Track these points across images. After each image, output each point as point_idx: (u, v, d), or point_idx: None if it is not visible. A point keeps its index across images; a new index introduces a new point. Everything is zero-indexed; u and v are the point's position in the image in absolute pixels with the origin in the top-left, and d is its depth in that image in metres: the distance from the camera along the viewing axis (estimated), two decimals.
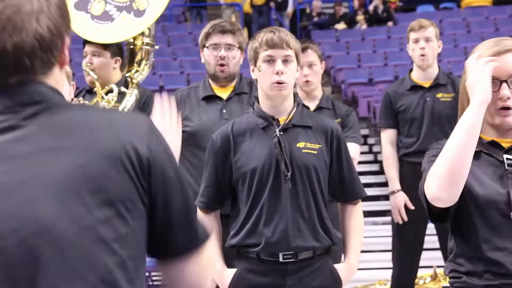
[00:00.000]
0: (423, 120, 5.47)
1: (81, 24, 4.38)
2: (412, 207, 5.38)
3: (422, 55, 5.44)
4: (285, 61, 3.41)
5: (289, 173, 3.36)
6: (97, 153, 1.58)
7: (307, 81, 4.93)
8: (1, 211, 1.54)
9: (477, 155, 2.55)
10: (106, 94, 4.57)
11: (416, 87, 5.53)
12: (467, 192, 2.51)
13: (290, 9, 18.36)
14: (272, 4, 18.14)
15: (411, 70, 5.63)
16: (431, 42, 5.42)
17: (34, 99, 1.61)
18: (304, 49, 4.75)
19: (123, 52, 4.77)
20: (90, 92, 4.79)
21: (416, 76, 5.56)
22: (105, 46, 4.72)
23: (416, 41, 5.45)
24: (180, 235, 1.71)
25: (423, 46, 5.41)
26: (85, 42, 4.76)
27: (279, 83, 3.39)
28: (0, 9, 1.57)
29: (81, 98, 4.65)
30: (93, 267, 1.55)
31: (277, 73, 3.38)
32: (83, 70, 4.83)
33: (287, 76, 3.40)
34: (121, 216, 1.59)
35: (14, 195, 1.55)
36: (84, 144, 1.58)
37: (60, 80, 1.68)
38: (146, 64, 4.67)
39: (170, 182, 1.68)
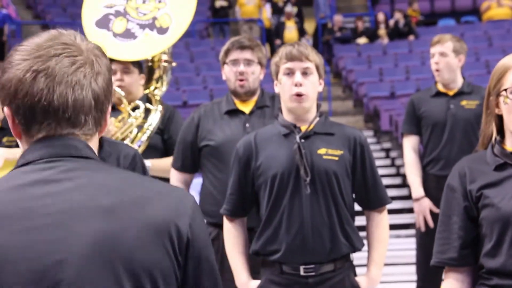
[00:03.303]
0: (446, 126, 5.48)
1: (103, 42, 4.42)
2: (437, 211, 5.39)
3: (436, 70, 5.49)
4: (305, 73, 3.47)
5: (308, 178, 3.41)
6: (136, 221, 1.57)
7: None
8: (31, 271, 1.52)
9: (501, 167, 2.54)
10: (133, 110, 4.62)
11: (440, 94, 5.56)
12: (492, 206, 2.50)
13: (289, 8, 18.33)
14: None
15: (436, 82, 5.67)
16: (447, 57, 5.45)
17: (76, 154, 1.63)
18: None
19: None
20: (112, 109, 4.83)
21: (441, 86, 5.59)
22: (133, 63, 4.77)
23: (433, 55, 5.51)
24: None
25: (436, 61, 5.47)
26: (111, 60, 4.79)
27: (299, 95, 3.45)
28: (67, 64, 1.62)
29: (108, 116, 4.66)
30: None
31: (295, 85, 3.45)
32: None
33: (307, 88, 3.46)
34: None
35: (45, 256, 1.53)
36: (125, 209, 1.57)
37: (96, 146, 1.70)
38: (164, 81, 4.71)
39: (204, 264, 1.66)
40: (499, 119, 2.61)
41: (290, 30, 17.70)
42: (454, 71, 5.51)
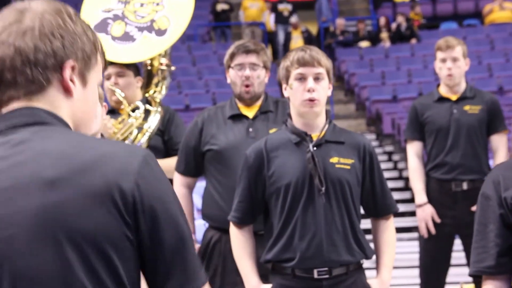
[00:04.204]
0: (449, 131, 5.42)
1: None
2: (439, 220, 5.38)
3: (449, 75, 5.42)
4: (316, 78, 3.47)
5: (323, 188, 3.40)
6: (78, 190, 1.54)
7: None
8: None
9: None
10: (133, 111, 4.60)
11: (443, 99, 5.51)
12: None
13: (294, 20, 18.32)
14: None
15: (438, 85, 5.62)
16: (458, 62, 5.39)
17: (29, 122, 1.61)
18: None
19: (141, 72, 4.80)
20: (112, 112, 4.82)
21: (444, 90, 5.54)
22: (127, 66, 4.75)
23: (443, 60, 5.42)
24: (174, 277, 1.62)
25: (450, 66, 5.38)
26: (107, 63, 4.78)
27: (311, 100, 3.44)
28: None
29: (108, 116, 4.65)
30: None
31: (308, 90, 3.44)
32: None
33: (319, 93, 3.46)
34: (102, 258, 1.54)
35: None
36: (67, 180, 1.54)
37: (59, 105, 1.66)
38: (164, 85, 4.70)
39: (161, 218, 1.60)
40: None
41: (296, 40, 17.68)
42: (463, 75, 5.48)
